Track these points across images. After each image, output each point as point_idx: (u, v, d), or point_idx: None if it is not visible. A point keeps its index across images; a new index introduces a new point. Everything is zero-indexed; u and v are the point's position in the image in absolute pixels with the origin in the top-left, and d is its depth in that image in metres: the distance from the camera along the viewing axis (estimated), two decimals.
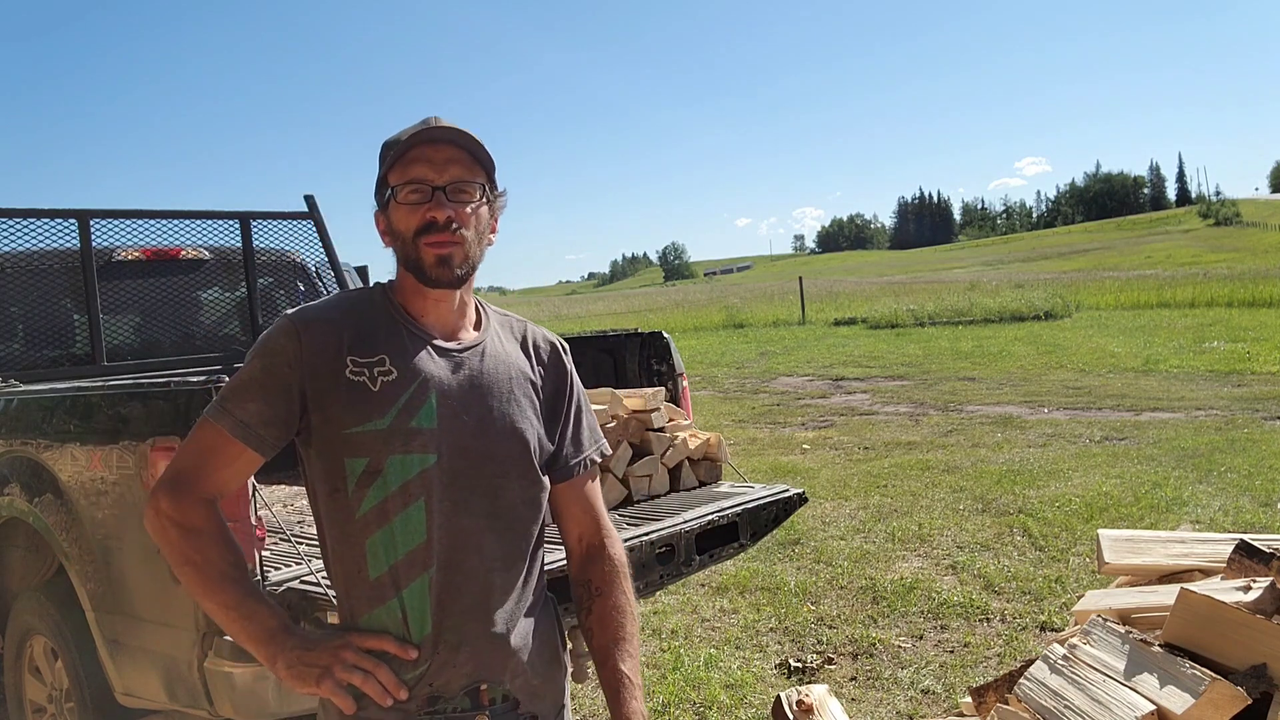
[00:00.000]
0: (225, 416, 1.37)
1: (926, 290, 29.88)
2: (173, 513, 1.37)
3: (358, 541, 1.37)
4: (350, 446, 1.36)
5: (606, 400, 3.19)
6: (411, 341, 1.43)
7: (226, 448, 1.38)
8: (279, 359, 1.38)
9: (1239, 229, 78.89)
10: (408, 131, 1.44)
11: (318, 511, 1.44)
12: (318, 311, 1.44)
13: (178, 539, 1.37)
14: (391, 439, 1.36)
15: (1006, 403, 10.31)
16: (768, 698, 3.59)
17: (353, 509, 1.37)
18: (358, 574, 1.38)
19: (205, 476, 1.39)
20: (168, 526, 1.37)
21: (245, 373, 1.40)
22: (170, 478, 1.40)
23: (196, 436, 1.41)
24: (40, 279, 3.94)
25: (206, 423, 1.39)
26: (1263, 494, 5.75)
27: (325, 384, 1.38)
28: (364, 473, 1.36)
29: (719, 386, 13.75)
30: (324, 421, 1.38)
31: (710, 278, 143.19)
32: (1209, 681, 1.86)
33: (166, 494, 1.38)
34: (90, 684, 2.61)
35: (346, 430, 1.36)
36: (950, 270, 64.42)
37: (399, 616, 1.36)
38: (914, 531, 5.60)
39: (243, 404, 1.37)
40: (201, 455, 1.39)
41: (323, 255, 4.79)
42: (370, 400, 1.37)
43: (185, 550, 1.37)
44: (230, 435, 1.37)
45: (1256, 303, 19.48)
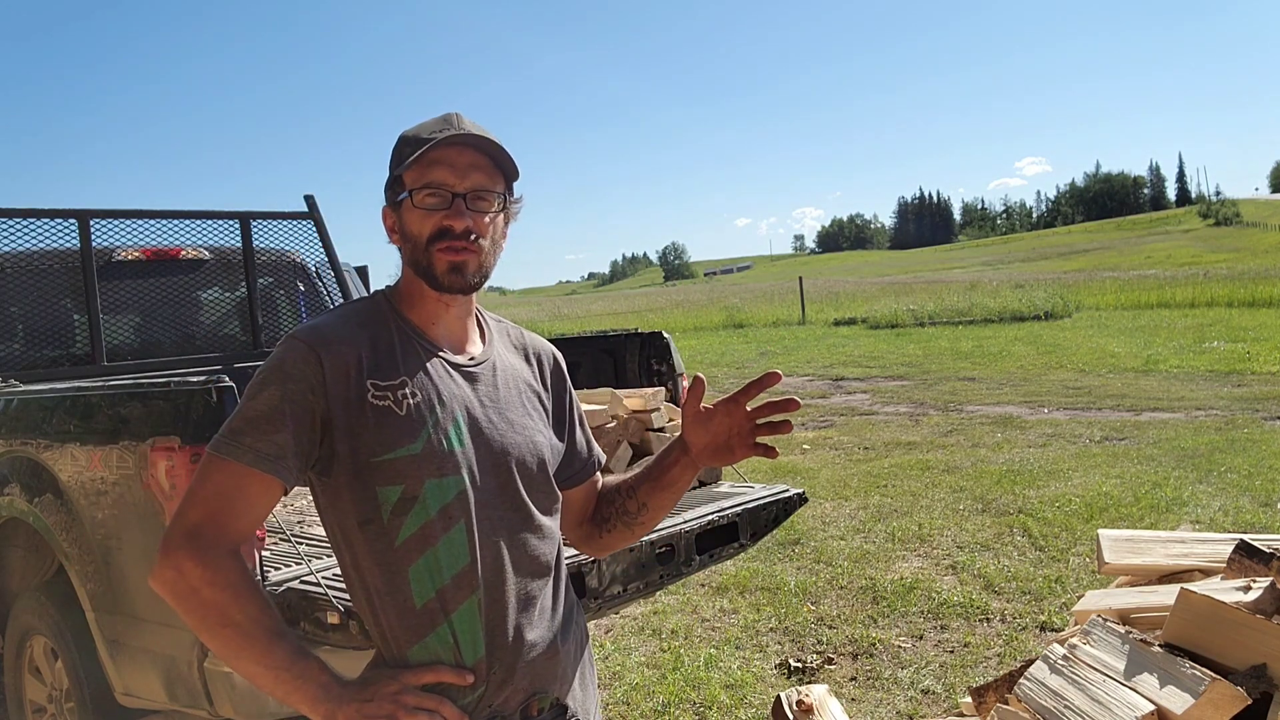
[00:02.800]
0: (245, 451, 1.25)
1: (926, 290, 29.87)
2: (202, 572, 1.22)
3: (399, 570, 1.31)
4: (382, 474, 1.30)
5: (606, 400, 3.19)
6: (427, 359, 1.38)
7: (250, 486, 1.26)
8: (299, 385, 1.28)
9: (1239, 229, 78.89)
10: (429, 128, 1.37)
11: (345, 545, 1.35)
12: (332, 331, 1.33)
13: (213, 599, 1.22)
14: (425, 463, 1.31)
15: (1006, 403, 10.31)
16: (768, 698, 3.59)
17: (391, 537, 1.30)
18: (404, 604, 1.31)
19: (230, 523, 1.26)
20: (199, 588, 1.22)
21: (261, 401, 1.27)
22: (187, 531, 1.24)
23: (210, 480, 1.26)
24: (40, 279, 3.94)
25: (220, 462, 1.26)
26: (1263, 494, 5.75)
27: (350, 410, 1.30)
28: (400, 500, 1.30)
29: (719, 386, 13.74)
30: (350, 450, 1.30)
31: (710, 278, 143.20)
32: (1209, 681, 1.86)
33: (189, 552, 1.23)
34: (90, 684, 2.61)
35: (376, 458, 1.29)
36: (950, 270, 64.40)
37: (450, 642, 1.32)
38: (914, 531, 5.60)
39: (264, 436, 1.26)
40: (222, 500, 1.26)
41: (323, 255, 4.78)
42: (399, 425, 1.31)
43: (225, 611, 1.22)
44: (253, 470, 1.25)
45: (1256, 303, 19.46)
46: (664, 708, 3.61)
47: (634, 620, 4.55)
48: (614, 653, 4.18)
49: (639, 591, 2.78)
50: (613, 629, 4.48)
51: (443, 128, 1.37)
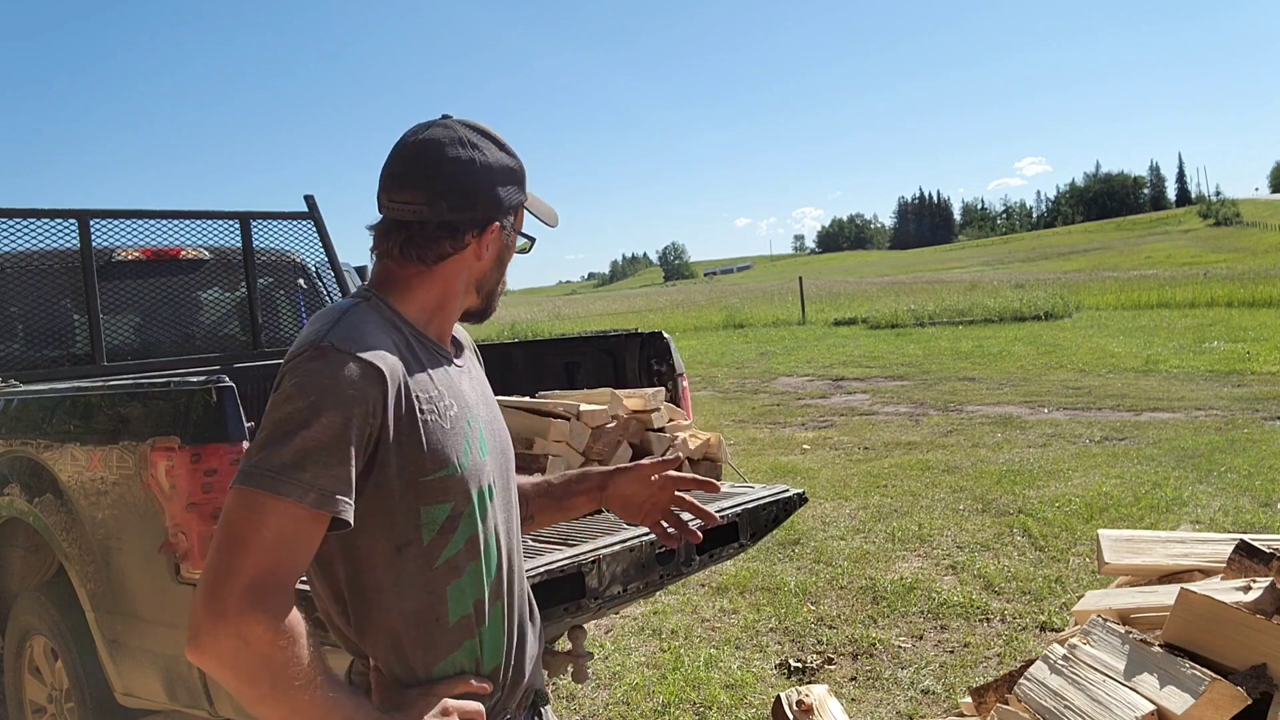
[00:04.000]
0: (308, 490, 1.09)
1: (927, 290, 29.88)
2: (273, 635, 1.06)
3: (435, 590, 1.24)
4: (431, 493, 1.22)
5: (606, 400, 3.19)
6: (443, 364, 1.31)
7: (312, 530, 1.11)
8: (362, 408, 1.14)
9: (1239, 229, 78.93)
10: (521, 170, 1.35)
11: (357, 569, 1.22)
12: (375, 340, 1.21)
13: (284, 660, 1.07)
14: (471, 477, 1.26)
15: (1006, 403, 10.30)
16: (768, 698, 3.58)
17: (430, 559, 1.23)
18: (435, 624, 1.24)
19: (293, 570, 1.11)
20: (269, 652, 1.06)
21: (321, 430, 1.11)
22: (248, 590, 1.05)
23: (267, 525, 1.08)
24: (40, 279, 3.94)
25: (276, 503, 1.08)
26: (1263, 494, 5.75)
27: (402, 429, 1.19)
28: (447, 519, 1.23)
29: (719, 386, 13.74)
30: (398, 471, 1.19)
31: (710, 278, 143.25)
32: (1209, 681, 1.86)
33: (255, 614, 1.05)
34: (90, 684, 2.61)
35: (427, 476, 1.21)
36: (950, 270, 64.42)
37: (476, 654, 1.28)
38: (914, 531, 5.60)
39: (328, 470, 1.10)
40: (284, 548, 1.09)
41: (323, 255, 4.79)
42: (447, 439, 1.23)
43: (298, 670, 1.08)
44: (321, 512, 1.10)
45: (1256, 303, 19.46)
46: (664, 708, 3.61)
47: (634, 620, 4.55)
48: (614, 653, 4.18)
49: (639, 591, 2.77)
50: (613, 629, 4.48)
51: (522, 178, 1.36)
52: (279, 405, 1.14)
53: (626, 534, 2.75)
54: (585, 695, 3.78)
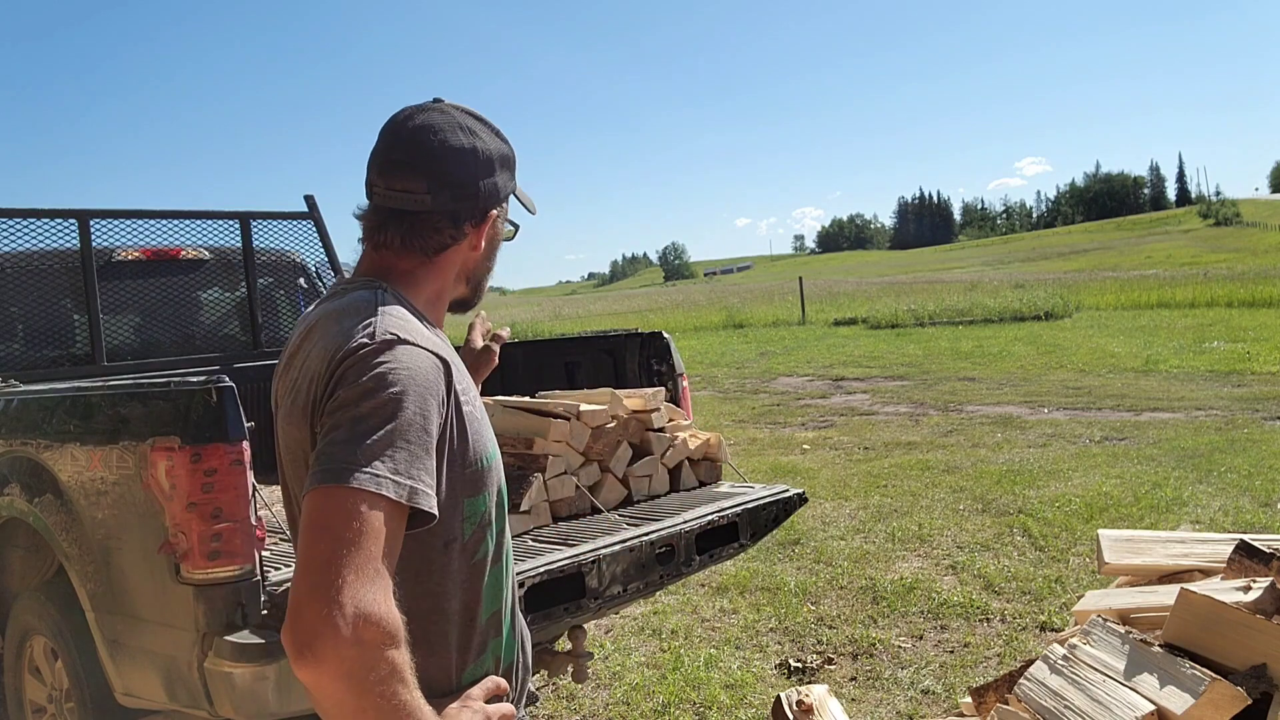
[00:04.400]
0: (400, 485, 1.05)
1: (927, 290, 29.88)
2: (382, 635, 0.99)
3: (473, 588, 1.21)
4: (470, 486, 1.19)
5: (606, 400, 3.19)
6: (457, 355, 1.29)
7: (404, 523, 1.08)
8: (437, 399, 1.12)
9: (1239, 229, 78.94)
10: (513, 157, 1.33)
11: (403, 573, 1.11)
12: (429, 333, 1.20)
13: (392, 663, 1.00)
14: (498, 470, 1.25)
15: (1006, 403, 10.30)
16: (768, 698, 3.58)
17: (471, 555, 1.20)
18: (469, 621, 1.21)
19: (390, 569, 1.05)
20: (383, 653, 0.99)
21: (406, 421, 1.07)
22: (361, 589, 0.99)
23: (367, 521, 1.02)
24: (40, 279, 3.94)
25: (375, 499, 1.03)
26: (1263, 494, 5.75)
27: (455, 420, 1.17)
28: (484, 512, 1.21)
29: (719, 386, 13.74)
30: (448, 463, 1.16)
31: (710, 278, 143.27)
32: (1209, 681, 1.86)
33: (370, 615, 0.98)
34: (90, 684, 2.61)
35: (468, 468, 1.18)
36: (950, 270, 64.43)
37: (499, 654, 1.26)
38: (914, 531, 5.60)
39: (417, 463, 1.07)
40: (385, 542, 1.03)
41: (323, 255, 4.79)
42: (484, 431, 1.22)
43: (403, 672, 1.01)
44: (415, 507, 1.07)
45: (1256, 303, 19.47)
46: (664, 708, 3.61)
47: (634, 620, 4.55)
48: (614, 653, 4.18)
49: (639, 591, 2.78)
50: (613, 629, 4.48)
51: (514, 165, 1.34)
52: (357, 401, 1.08)
53: (626, 534, 2.76)
54: (585, 695, 3.78)
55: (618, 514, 3.04)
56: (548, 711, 3.69)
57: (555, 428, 2.99)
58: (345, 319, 1.18)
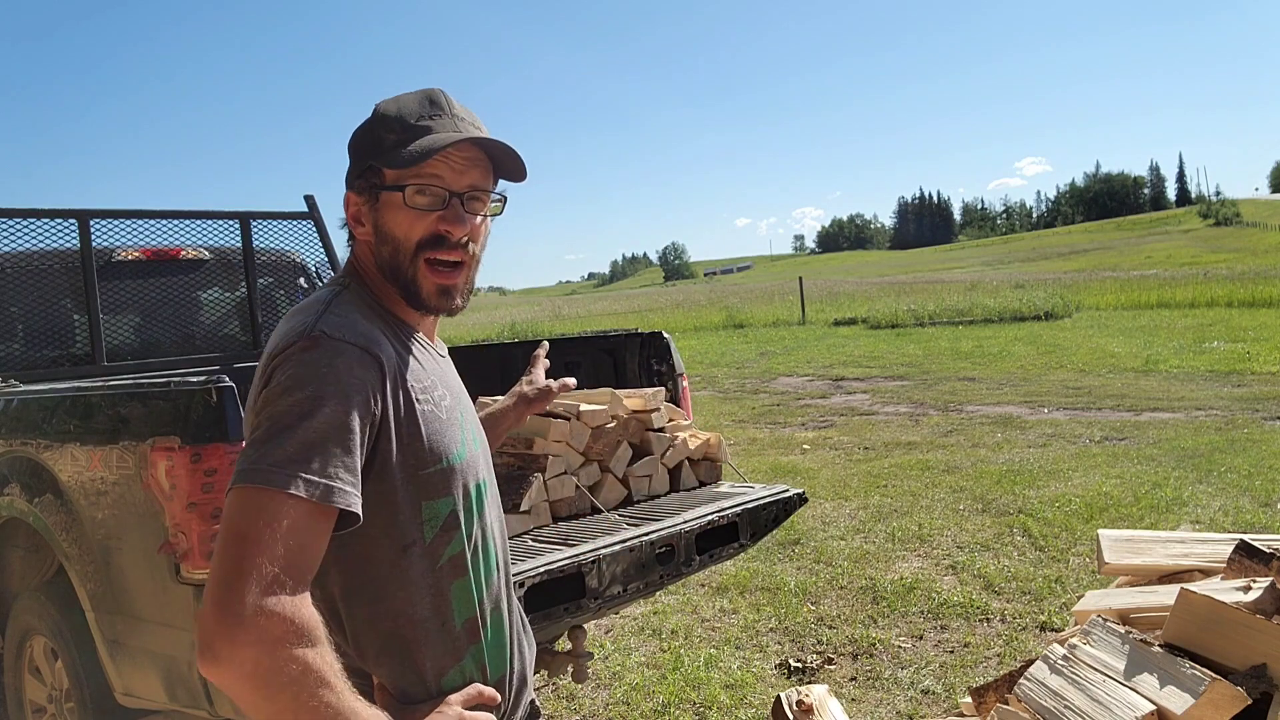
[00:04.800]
0: (313, 484, 1.03)
1: (927, 290, 29.87)
2: (290, 636, 0.97)
3: (440, 592, 1.18)
4: (432, 488, 1.16)
5: (606, 400, 3.19)
6: (429, 355, 1.26)
7: (322, 524, 1.04)
8: (363, 395, 1.09)
9: (1239, 229, 78.91)
10: (414, 110, 1.20)
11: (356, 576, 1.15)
12: (364, 328, 1.16)
13: (308, 665, 0.98)
14: (468, 470, 1.21)
15: (1006, 403, 10.30)
16: (768, 698, 3.58)
17: (435, 558, 1.18)
18: (441, 628, 1.19)
19: (307, 567, 1.03)
20: (292, 655, 0.97)
21: (324, 420, 1.05)
22: (265, 590, 0.98)
23: (277, 520, 1.01)
24: (40, 279, 3.94)
25: (286, 498, 1.01)
26: (1263, 494, 5.75)
27: (403, 419, 1.14)
28: (449, 515, 1.18)
29: (719, 386, 13.74)
30: (399, 465, 1.14)
31: (710, 278, 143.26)
32: (1209, 681, 1.86)
33: (274, 615, 0.97)
34: (90, 684, 2.61)
35: (427, 470, 1.16)
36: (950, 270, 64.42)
37: (483, 661, 1.23)
38: (914, 531, 5.60)
39: (334, 462, 1.05)
40: (295, 544, 1.01)
41: (323, 255, 4.79)
42: (444, 430, 1.18)
43: (319, 673, 0.99)
44: (332, 506, 1.04)
45: (1256, 303, 19.47)
46: (664, 708, 3.61)
47: (634, 620, 4.55)
48: (614, 653, 4.18)
49: (639, 591, 2.77)
50: (613, 629, 4.48)
51: (432, 112, 1.21)
52: (275, 399, 1.07)
53: (626, 534, 2.75)
54: (585, 695, 3.78)
55: (618, 514, 3.04)
56: (548, 712, 3.69)
57: (555, 428, 2.99)
58: (294, 318, 1.17)
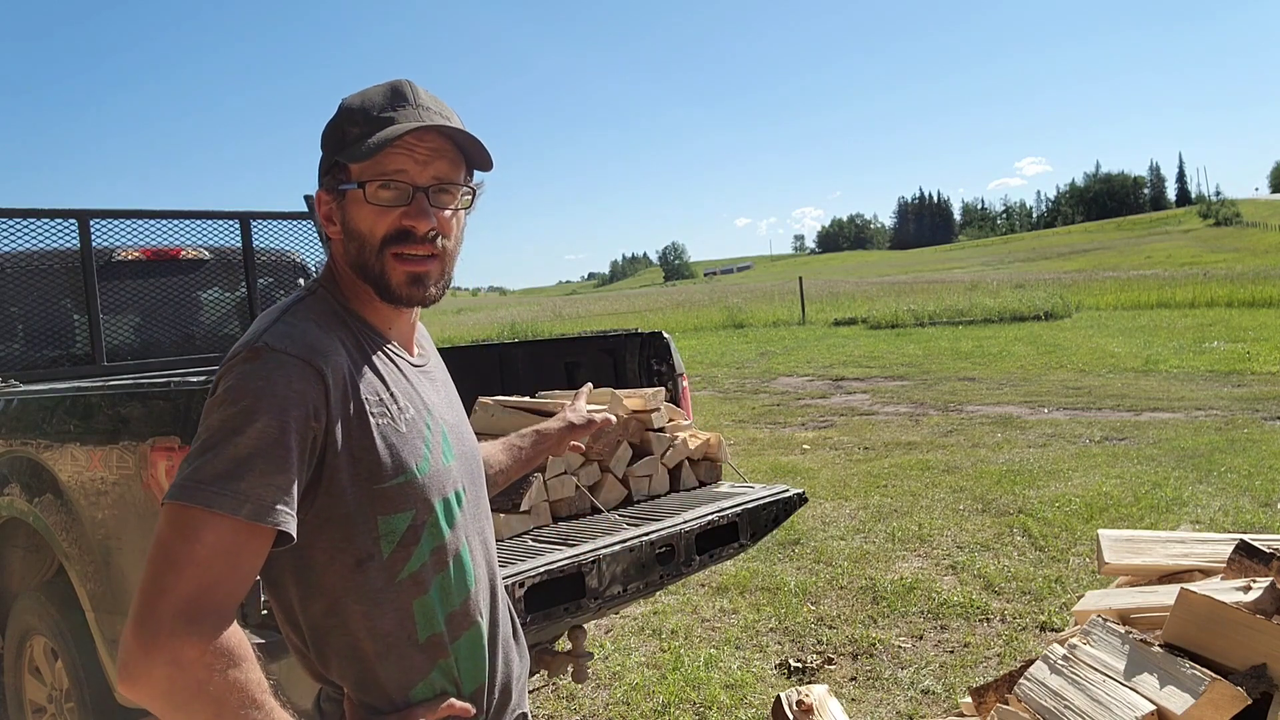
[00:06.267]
0: (243, 502, 1.00)
1: (927, 290, 29.87)
2: (207, 656, 0.96)
3: (401, 606, 1.15)
4: (388, 502, 1.13)
5: (606, 400, 3.18)
6: (399, 365, 1.22)
7: (253, 541, 1.02)
8: (300, 411, 1.05)
9: (1239, 229, 78.89)
10: (379, 103, 1.16)
11: (312, 593, 1.14)
12: (314, 339, 1.11)
13: (223, 683, 0.97)
14: (433, 484, 1.17)
15: (1006, 403, 10.30)
16: (768, 698, 3.58)
17: (393, 573, 1.14)
18: (405, 643, 1.16)
19: (232, 588, 1.01)
20: (205, 676, 0.96)
21: (255, 436, 1.02)
22: (180, 610, 0.96)
23: (200, 539, 0.99)
24: (40, 279, 3.94)
25: (209, 516, 0.99)
26: (1263, 494, 5.75)
27: (353, 433, 1.10)
28: (408, 529, 1.14)
29: (719, 386, 13.74)
30: (351, 479, 1.11)
31: (710, 278, 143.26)
32: (1209, 682, 1.86)
33: (188, 635, 0.96)
34: (90, 684, 2.61)
35: (381, 484, 1.12)
36: (950, 270, 64.41)
37: (454, 674, 1.21)
38: (914, 531, 5.60)
39: (265, 479, 1.02)
40: (219, 562, 0.99)
41: (323, 255, 4.78)
42: (403, 444, 1.15)
43: (246, 693, 0.99)
44: (259, 524, 1.01)
45: (1256, 303, 19.47)
46: (664, 708, 3.61)
47: (634, 620, 4.55)
48: (614, 653, 4.18)
49: (639, 591, 2.77)
50: (613, 629, 4.48)
51: (396, 103, 1.16)
52: (210, 412, 1.05)
53: (626, 534, 2.75)
54: (585, 695, 3.78)
55: (618, 514, 3.04)
56: (548, 712, 3.70)
57: None
58: (256, 323, 1.15)
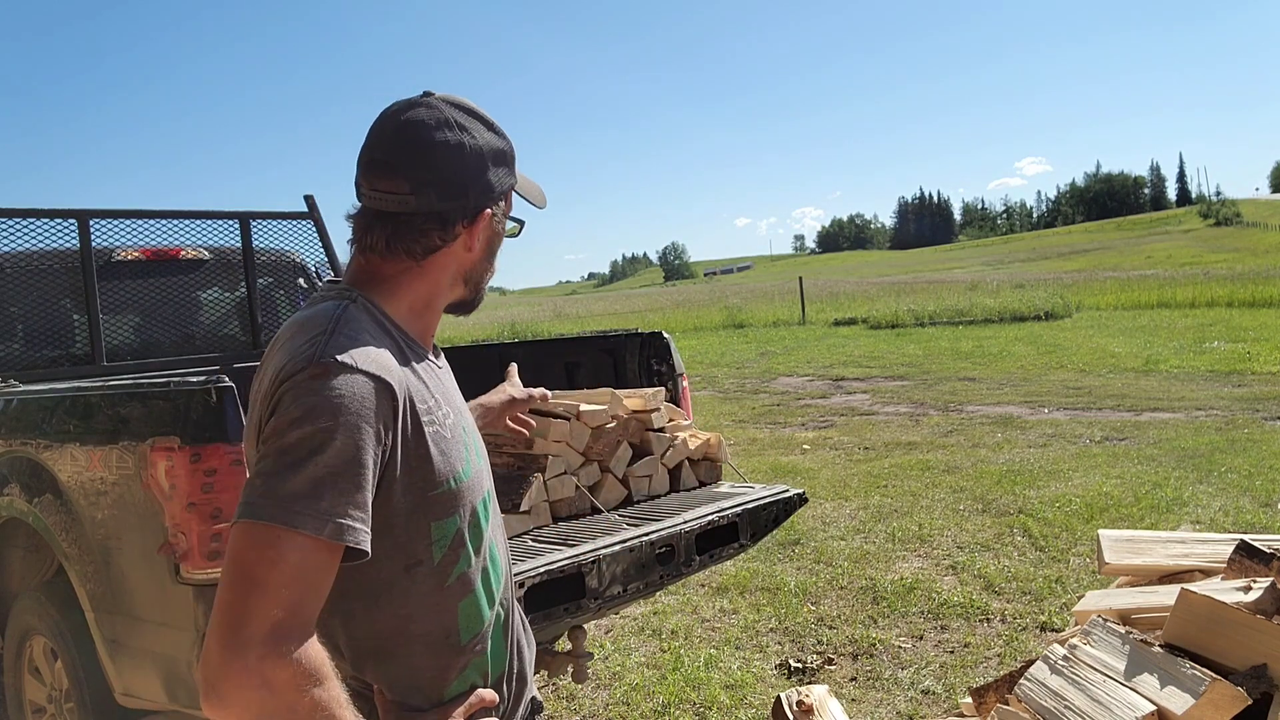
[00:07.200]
0: (325, 522, 1.01)
1: (927, 290, 29.87)
2: (299, 679, 0.97)
3: (447, 609, 1.18)
4: (441, 507, 1.15)
5: (606, 400, 3.18)
6: (435, 370, 1.25)
7: (332, 560, 1.03)
8: (373, 427, 1.06)
9: (1239, 229, 78.88)
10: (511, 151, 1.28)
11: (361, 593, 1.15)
12: (377, 354, 1.12)
13: (312, 701, 0.98)
14: (474, 488, 1.20)
15: (1007, 403, 10.30)
16: (768, 698, 3.58)
17: (443, 578, 1.17)
18: (444, 642, 1.18)
19: (315, 606, 1.02)
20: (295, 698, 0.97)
21: (335, 455, 1.03)
22: (270, 634, 0.97)
23: (285, 560, 0.99)
24: (40, 279, 3.94)
25: (293, 536, 0.99)
26: (1263, 494, 5.75)
27: (411, 442, 1.13)
28: (456, 533, 1.17)
29: (719, 386, 13.74)
30: (407, 487, 1.13)
31: (710, 278, 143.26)
32: (1209, 682, 1.86)
33: (279, 658, 0.97)
34: (90, 684, 2.61)
35: (434, 491, 1.14)
36: (950, 270, 64.41)
37: (485, 668, 1.24)
38: (914, 532, 5.60)
39: (347, 497, 1.03)
40: (306, 585, 1.00)
41: (322, 255, 4.79)
42: (452, 450, 1.17)
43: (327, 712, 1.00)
44: (341, 543, 1.02)
45: (1257, 303, 19.47)
46: (664, 708, 3.61)
47: (634, 620, 4.55)
48: (614, 653, 4.18)
49: (639, 592, 2.77)
50: (613, 629, 4.48)
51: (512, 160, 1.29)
52: (284, 431, 1.04)
53: (626, 534, 2.75)
54: (585, 695, 3.78)
55: (618, 514, 3.04)
56: (548, 712, 3.69)
57: (555, 428, 2.99)
58: (299, 335, 1.13)
